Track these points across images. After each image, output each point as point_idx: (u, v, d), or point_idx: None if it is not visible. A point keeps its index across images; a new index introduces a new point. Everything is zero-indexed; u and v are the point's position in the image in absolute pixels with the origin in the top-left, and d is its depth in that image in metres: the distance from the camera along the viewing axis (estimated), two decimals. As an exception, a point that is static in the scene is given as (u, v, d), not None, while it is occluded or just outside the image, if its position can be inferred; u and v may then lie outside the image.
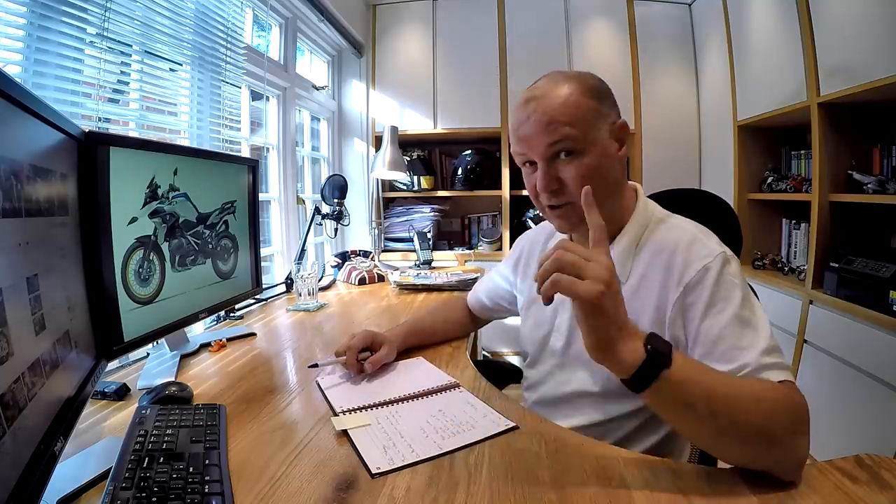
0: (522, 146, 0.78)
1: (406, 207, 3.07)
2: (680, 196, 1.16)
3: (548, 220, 0.85)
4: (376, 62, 3.04)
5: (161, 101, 1.50)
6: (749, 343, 0.65)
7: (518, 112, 0.78)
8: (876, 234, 1.92)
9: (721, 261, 0.71)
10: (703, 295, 0.70)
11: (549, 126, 0.74)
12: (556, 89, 0.76)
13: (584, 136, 0.74)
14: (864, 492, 0.55)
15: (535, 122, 0.75)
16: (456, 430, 0.72)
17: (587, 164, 0.75)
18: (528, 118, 0.76)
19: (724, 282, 0.70)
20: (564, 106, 0.74)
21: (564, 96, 0.75)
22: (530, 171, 0.80)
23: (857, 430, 1.61)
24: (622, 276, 0.79)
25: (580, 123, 0.74)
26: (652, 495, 0.55)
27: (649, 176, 2.92)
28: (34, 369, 0.49)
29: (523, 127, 0.77)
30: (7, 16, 0.99)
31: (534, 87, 0.79)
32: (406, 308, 1.60)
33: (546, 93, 0.76)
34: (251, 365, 1.05)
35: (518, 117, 0.78)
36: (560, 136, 0.74)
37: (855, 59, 1.67)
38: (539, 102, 0.75)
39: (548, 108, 0.74)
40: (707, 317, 0.69)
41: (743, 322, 0.67)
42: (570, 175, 0.75)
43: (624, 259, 0.80)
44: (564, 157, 0.75)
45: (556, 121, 0.74)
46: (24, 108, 0.51)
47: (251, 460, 0.65)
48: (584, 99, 0.75)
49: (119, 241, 0.82)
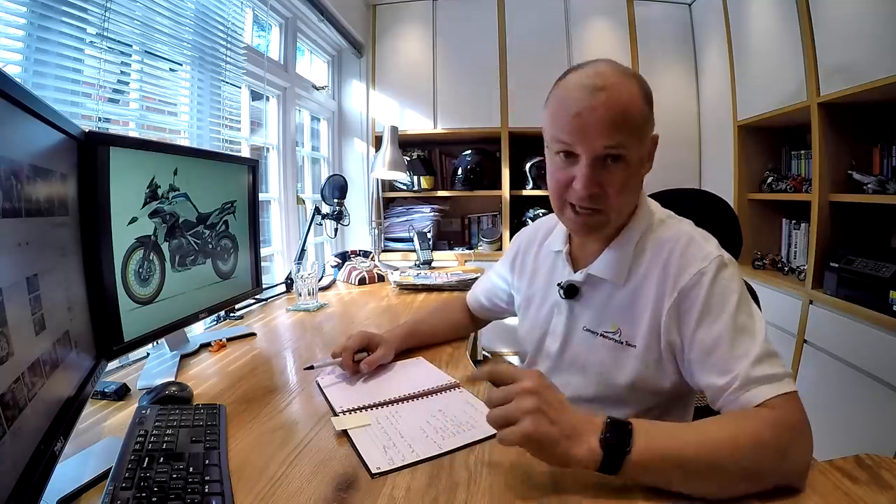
0: (572, 136, 0.70)
1: (406, 207, 3.07)
2: (680, 196, 1.16)
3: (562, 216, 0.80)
4: (376, 62, 3.04)
5: (161, 101, 1.50)
6: (743, 351, 0.64)
7: (580, 97, 0.69)
8: (876, 234, 1.92)
9: (717, 265, 0.70)
10: (698, 301, 0.69)
11: (615, 125, 0.68)
12: (626, 85, 0.69)
13: (636, 145, 0.71)
14: (864, 492, 0.55)
15: (602, 116, 0.68)
16: (456, 430, 0.72)
17: (629, 175, 0.72)
18: (594, 109, 0.68)
19: (719, 287, 0.68)
20: (631, 108, 0.69)
21: (631, 98, 0.69)
22: (564, 164, 0.74)
23: (857, 430, 1.61)
24: (621, 277, 0.78)
25: (638, 131, 0.71)
26: (653, 495, 0.55)
27: (649, 176, 2.88)
28: (34, 369, 0.49)
29: (585, 115, 0.68)
30: (7, 16, 0.99)
31: (599, 73, 0.70)
32: (406, 308, 1.60)
33: (616, 85, 0.69)
34: (251, 365, 1.05)
35: (579, 104, 0.69)
36: (621, 139, 0.69)
37: (855, 59, 1.67)
38: (610, 94, 0.68)
39: (618, 104, 0.68)
40: (702, 324, 0.68)
41: (738, 329, 0.65)
42: (612, 183, 0.71)
43: (624, 260, 0.78)
44: (611, 161, 0.70)
45: (623, 122, 0.68)
46: (24, 108, 0.51)
47: (251, 460, 0.65)
48: (644, 105, 0.71)
49: (119, 241, 0.82)
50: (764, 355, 0.63)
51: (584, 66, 0.74)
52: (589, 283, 0.82)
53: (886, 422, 1.51)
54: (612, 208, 0.74)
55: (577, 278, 0.83)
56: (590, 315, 0.82)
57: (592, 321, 0.81)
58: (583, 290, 0.83)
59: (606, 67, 0.72)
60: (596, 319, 0.81)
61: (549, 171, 0.79)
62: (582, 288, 0.83)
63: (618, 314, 0.78)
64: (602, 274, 0.80)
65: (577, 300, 0.84)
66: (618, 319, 0.78)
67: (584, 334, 0.82)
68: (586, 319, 0.82)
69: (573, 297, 0.84)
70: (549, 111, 0.76)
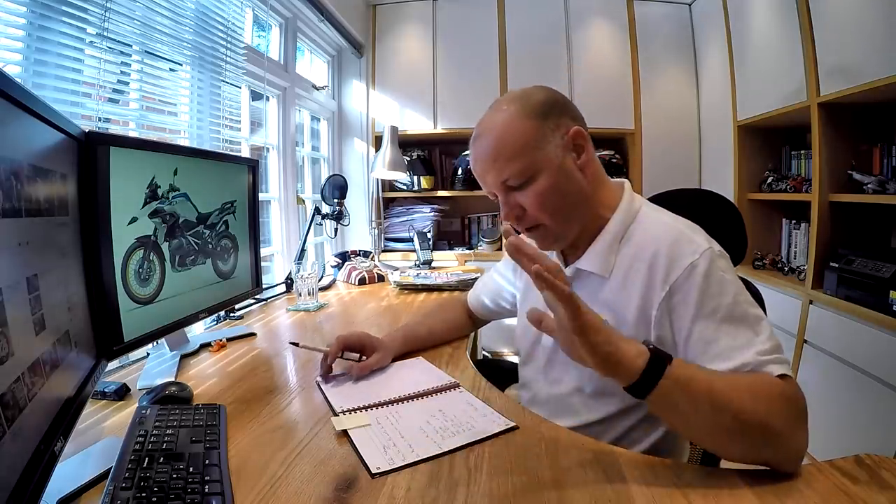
0: (482, 183, 0.81)
1: (406, 207, 3.06)
2: (684, 196, 1.16)
3: None
4: (376, 62, 3.04)
5: (161, 101, 1.50)
6: (746, 341, 0.64)
7: (471, 151, 0.81)
8: (876, 234, 1.92)
9: (708, 257, 0.69)
10: (691, 295, 0.68)
11: (496, 164, 0.76)
12: (495, 121, 0.77)
13: (530, 164, 0.75)
14: (864, 492, 0.55)
15: (482, 161, 0.78)
16: (456, 430, 0.72)
17: (541, 188, 0.76)
18: (476, 159, 0.79)
19: (712, 280, 0.68)
20: (503, 139, 0.75)
21: (503, 128, 0.76)
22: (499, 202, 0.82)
23: (857, 430, 1.61)
24: (605, 271, 0.79)
25: (523, 152, 0.75)
26: (652, 495, 0.55)
27: (649, 176, 2.92)
28: (34, 369, 0.49)
29: (475, 167, 0.81)
30: (7, 16, 0.99)
31: (480, 122, 0.80)
32: (406, 308, 1.60)
33: (487, 128, 0.78)
34: (251, 365, 1.05)
35: (471, 156, 0.81)
36: (507, 173, 0.75)
37: (855, 59, 1.67)
38: (482, 140, 0.78)
39: (489, 146, 0.76)
40: (699, 318, 0.68)
41: (737, 320, 0.66)
42: (528, 202, 0.77)
43: (607, 254, 0.79)
44: (516, 189, 0.77)
45: (499, 157, 0.75)
46: (24, 108, 0.51)
47: (251, 460, 0.65)
48: (524, 123, 0.76)
49: (119, 241, 0.82)
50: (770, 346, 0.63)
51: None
52: (577, 277, 0.83)
53: (886, 422, 1.51)
54: (544, 219, 0.78)
55: (567, 273, 0.84)
56: None
57: None
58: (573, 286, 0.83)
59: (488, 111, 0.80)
60: None
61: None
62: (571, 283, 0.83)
63: (605, 306, 0.78)
64: (589, 267, 0.81)
65: None
66: (605, 311, 0.78)
67: None
68: None
69: None
70: None
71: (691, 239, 0.72)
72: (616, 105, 2.92)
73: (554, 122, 0.76)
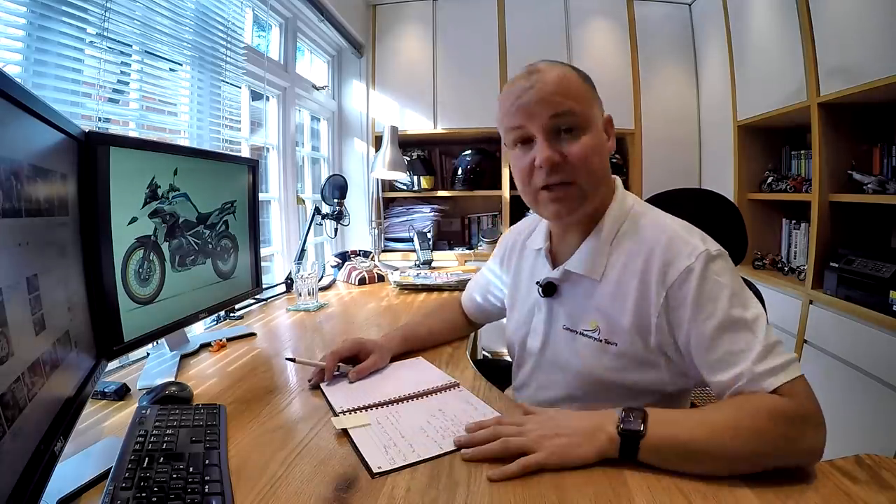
0: (520, 118, 0.74)
1: (406, 207, 3.06)
2: (684, 196, 1.16)
3: (538, 207, 0.80)
4: (376, 62, 3.04)
5: (161, 101, 1.50)
6: (744, 346, 0.63)
7: (516, 84, 0.75)
8: (876, 234, 1.92)
9: (704, 259, 0.68)
10: (688, 300, 0.67)
11: (555, 96, 0.72)
12: (558, 67, 0.75)
13: (585, 114, 0.73)
14: (864, 492, 0.55)
15: (539, 90, 0.72)
16: (456, 429, 0.72)
17: (589, 142, 0.73)
18: (531, 88, 0.73)
19: (708, 283, 0.67)
20: (568, 81, 0.73)
21: (566, 73, 0.74)
22: (523, 152, 0.76)
23: (857, 430, 1.61)
24: (596, 273, 0.77)
25: (582, 101, 0.74)
26: (652, 495, 0.55)
27: (649, 176, 2.92)
28: (34, 369, 0.49)
29: (525, 97, 0.73)
30: (7, 16, 0.99)
31: (533, 64, 0.77)
32: (406, 308, 1.60)
33: (547, 67, 0.75)
34: (251, 365, 1.05)
35: (516, 89, 0.75)
36: (566, 107, 0.72)
37: (855, 59, 1.67)
38: (542, 74, 0.73)
39: (551, 80, 0.73)
40: (695, 323, 0.67)
41: (734, 324, 0.65)
42: (574, 151, 0.72)
43: (597, 255, 0.77)
44: (566, 133, 0.73)
45: (560, 92, 0.72)
46: (24, 108, 0.51)
47: (251, 460, 0.65)
48: (581, 82, 0.76)
49: (119, 241, 0.82)
50: (766, 349, 0.62)
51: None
52: (567, 280, 0.82)
53: (886, 422, 1.51)
54: (580, 176, 0.74)
55: (555, 275, 0.83)
56: (568, 313, 0.82)
57: (571, 319, 0.81)
58: (562, 289, 0.83)
59: (534, 64, 0.77)
60: (575, 318, 0.81)
61: (513, 168, 0.81)
62: (561, 286, 0.83)
63: (596, 312, 0.77)
64: (578, 269, 0.79)
65: (555, 298, 0.83)
66: (596, 317, 0.77)
67: (563, 333, 0.82)
68: (565, 318, 0.82)
69: (552, 296, 0.83)
70: (498, 115, 0.80)
71: (686, 240, 0.71)
72: (616, 105, 2.91)
73: (598, 98, 0.78)
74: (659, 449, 0.59)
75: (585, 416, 0.66)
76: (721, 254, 0.71)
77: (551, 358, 0.84)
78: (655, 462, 0.60)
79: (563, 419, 0.67)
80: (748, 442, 0.57)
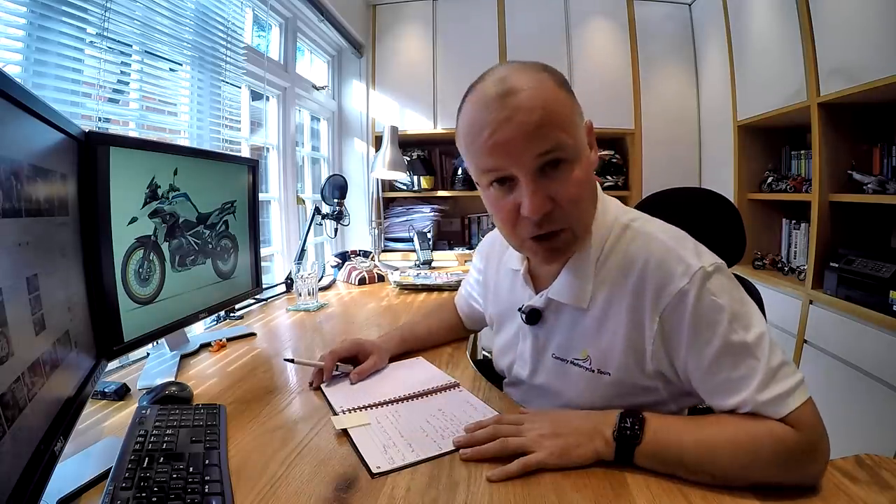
0: (499, 158, 0.60)
1: (406, 207, 3.06)
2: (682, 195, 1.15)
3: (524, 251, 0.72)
4: (376, 62, 3.04)
5: (161, 101, 1.50)
6: (745, 372, 0.58)
7: (488, 111, 0.60)
8: (876, 234, 1.92)
9: (700, 279, 0.61)
10: (683, 325, 0.61)
11: (541, 130, 0.58)
12: (535, 79, 0.60)
13: (575, 142, 0.61)
14: (864, 492, 0.55)
15: (520, 125, 0.58)
16: (456, 429, 0.72)
17: (580, 176, 0.62)
18: (510, 119, 0.58)
19: (705, 306, 0.60)
20: (551, 103, 0.59)
21: (546, 92, 0.60)
22: (502, 193, 0.64)
23: (857, 430, 1.61)
24: (583, 301, 0.70)
25: (569, 124, 0.61)
26: (652, 495, 0.55)
27: (649, 176, 2.92)
28: (34, 369, 0.49)
29: (502, 132, 0.59)
30: (7, 16, 0.99)
31: (503, 79, 0.60)
32: (406, 308, 1.60)
33: (524, 83, 0.59)
34: (251, 365, 1.05)
35: (489, 120, 0.60)
36: (555, 142, 0.59)
37: (855, 59, 1.67)
38: (519, 98, 0.58)
39: (532, 106, 0.58)
40: (693, 351, 0.62)
41: (734, 350, 0.59)
42: (562, 192, 0.61)
43: (584, 281, 0.69)
44: (552, 168, 0.61)
45: (546, 123, 0.59)
46: (24, 108, 0.51)
47: (251, 460, 0.65)
48: (563, 93, 0.62)
49: (119, 241, 0.82)
50: (769, 375, 0.57)
51: (482, 80, 0.64)
52: (551, 308, 0.75)
53: (886, 422, 1.51)
54: (574, 220, 0.65)
55: (538, 304, 0.76)
56: (557, 341, 0.75)
57: (560, 348, 0.75)
58: (546, 315, 0.76)
59: (506, 70, 0.62)
60: (564, 346, 0.74)
61: (490, 209, 0.67)
62: (545, 313, 0.76)
63: (586, 340, 0.71)
64: (562, 298, 0.72)
65: (541, 326, 0.77)
66: (587, 346, 0.71)
67: (553, 361, 0.76)
68: (554, 346, 0.76)
69: (536, 323, 0.77)
70: (462, 144, 0.66)
71: (679, 257, 0.63)
72: (616, 105, 2.92)
73: (577, 105, 0.65)
74: (654, 455, 0.59)
75: (584, 416, 0.66)
76: (717, 268, 0.63)
77: (542, 386, 0.79)
78: (650, 466, 0.60)
79: (562, 419, 0.66)
80: (744, 466, 0.56)
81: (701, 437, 0.59)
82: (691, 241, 0.68)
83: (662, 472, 0.59)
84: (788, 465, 0.56)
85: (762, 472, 0.56)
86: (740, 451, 0.56)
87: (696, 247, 0.66)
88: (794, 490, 0.56)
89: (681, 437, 0.59)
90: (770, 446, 0.55)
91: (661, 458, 0.59)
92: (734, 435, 0.58)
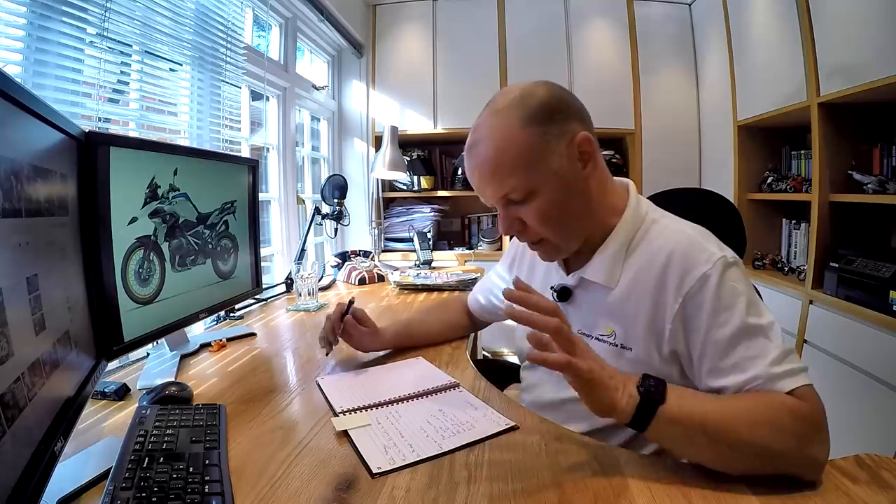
0: (478, 193, 0.77)
1: (406, 207, 3.07)
2: (682, 195, 1.16)
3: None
4: (376, 62, 3.04)
5: (161, 101, 1.50)
6: (760, 351, 0.63)
7: (465, 160, 0.77)
8: (876, 234, 1.92)
9: (721, 266, 0.67)
10: (705, 306, 0.66)
11: (494, 178, 0.72)
12: (493, 128, 0.71)
13: (532, 179, 0.70)
14: (864, 492, 0.55)
15: (480, 173, 0.73)
16: (456, 430, 0.72)
17: (544, 203, 0.72)
18: (474, 170, 0.74)
19: (725, 290, 0.66)
20: (503, 151, 0.70)
21: (502, 138, 0.70)
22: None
23: (857, 430, 1.61)
24: (612, 281, 0.76)
25: (525, 166, 0.70)
26: (652, 495, 0.56)
27: (649, 176, 2.92)
28: (34, 369, 0.49)
29: (472, 177, 0.76)
30: (7, 16, 0.99)
31: (476, 126, 0.74)
32: (406, 308, 1.60)
33: (484, 136, 0.72)
34: (251, 365, 1.05)
35: (466, 166, 0.77)
36: (507, 188, 0.71)
37: (855, 59, 1.67)
38: (479, 149, 0.73)
39: (487, 158, 0.71)
40: (711, 330, 0.66)
41: (750, 331, 0.64)
42: (529, 217, 0.73)
43: (613, 263, 0.76)
44: (516, 203, 0.73)
45: (498, 171, 0.71)
46: (24, 108, 0.51)
47: (251, 460, 0.65)
48: (525, 132, 0.70)
49: (119, 241, 0.82)
50: (782, 354, 0.62)
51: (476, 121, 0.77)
52: (581, 286, 0.81)
53: (886, 422, 1.51)
54: (546, 234, 0.75)
55: (570, 282, 0.82)
56: (583, 318, 0.81)
57: (586, 324, 0.80)
58: (575, 293, 0.82)
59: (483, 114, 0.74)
60: (590, 322, 0.80)
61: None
62: (575, 291, 0.82)
63: (611, 317, 0.77)
64: (595, 278, 0.78)
65: (570, 303, 0.83)
66: (611, 322, 0.77)
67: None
68: (580, 322, 0.81)
69: (566, 300, 0.83)
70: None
71: (703, 247, 0.70)
72: (616, 105, 2.92)
73: (558, 127, 0.71)
74: (673, 421, 0.58)
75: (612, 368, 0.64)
76: (737, 261, 0.70)
77: None
78: (664, 436, 0.59)
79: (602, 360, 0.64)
80: (764, 434, 0.56)
81: (722, 403, 0.60)
82: (715, 238, 0.74)
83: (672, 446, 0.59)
84: (804, 436, 0.57)
85: (781, 441, 0.56)
86: (761, 417, 0.57)
87: (719, 242, 0.73)
88: (794, 489, 0.56)
89: (703, 402, 0.60)
90: (787, 414, 0.58)
91: (680, 425, 0.58)
92: (753, 404, 0.60)
